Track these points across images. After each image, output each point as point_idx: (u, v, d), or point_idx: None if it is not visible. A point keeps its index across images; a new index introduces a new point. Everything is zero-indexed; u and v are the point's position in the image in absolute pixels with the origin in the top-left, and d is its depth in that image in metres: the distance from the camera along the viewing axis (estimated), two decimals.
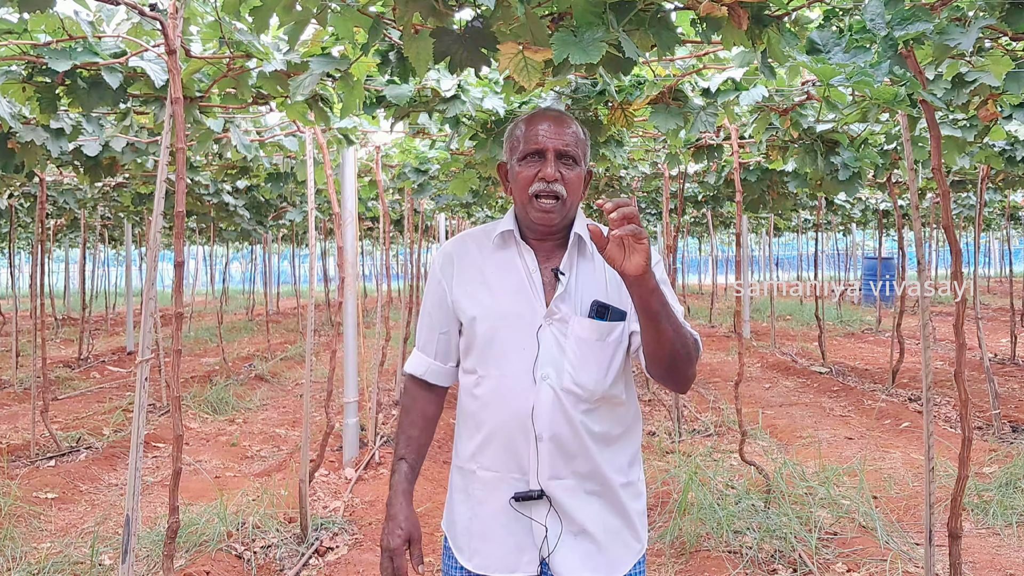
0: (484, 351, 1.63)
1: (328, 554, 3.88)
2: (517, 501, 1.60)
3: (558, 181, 1.59)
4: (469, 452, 1.67)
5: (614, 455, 1.64)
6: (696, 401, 7.56)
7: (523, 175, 1.62)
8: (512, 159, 1.66)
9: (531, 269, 1.64)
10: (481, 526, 1.65)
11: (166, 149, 2.48)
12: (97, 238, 16.10)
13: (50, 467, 5.37)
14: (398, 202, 9.67)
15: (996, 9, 2.08)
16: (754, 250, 26.95)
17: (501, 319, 1.62)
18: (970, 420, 2.49)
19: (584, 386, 1.59)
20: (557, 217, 1.61)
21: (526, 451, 1.59)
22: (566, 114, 1.69)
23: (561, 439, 1.58)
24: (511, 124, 1.72)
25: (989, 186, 7.77)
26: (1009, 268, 14.78)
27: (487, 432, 1.63)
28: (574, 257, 1.64)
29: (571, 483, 1.60)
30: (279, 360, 10.65)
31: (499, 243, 1.68)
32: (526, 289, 1.62)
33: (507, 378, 1.60)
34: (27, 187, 6.80)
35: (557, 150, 1.60)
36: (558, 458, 1.59)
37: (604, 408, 1.62)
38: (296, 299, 17.95)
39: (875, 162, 3.96)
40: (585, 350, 1.59)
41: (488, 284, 1.65)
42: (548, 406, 1.58)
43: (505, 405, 1.60)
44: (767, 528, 3.87)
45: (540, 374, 1.58)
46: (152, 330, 2.45)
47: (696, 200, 8.81)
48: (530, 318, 1.60)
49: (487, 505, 1.64)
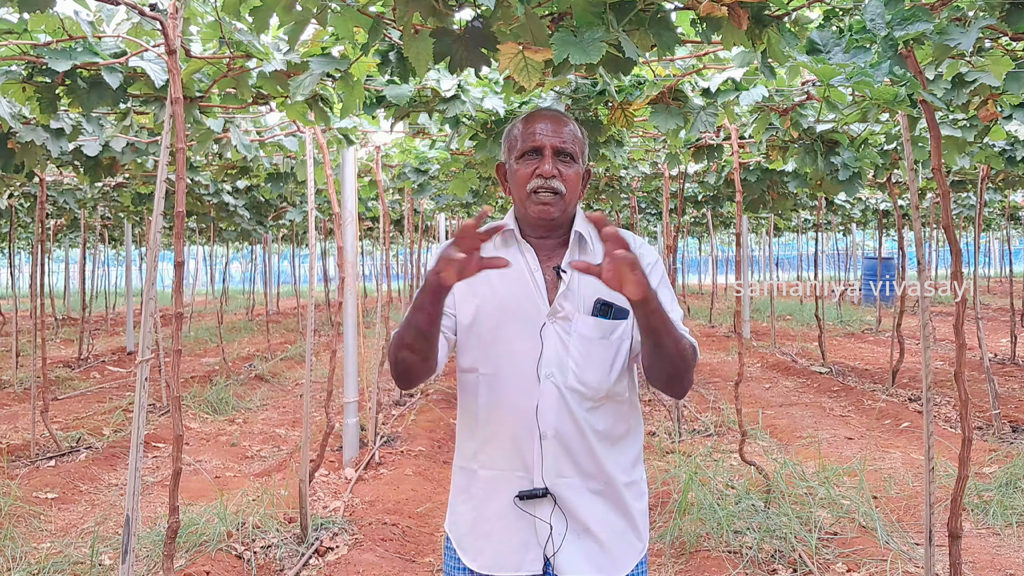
0: (486, 350, 1.62)
1: (328, 554, 3.88)
2: (521, 500, 1.59)
3: (556, 178, 1.59)
4: (472, 451, 1.66)
5: (618, 454, 1.64)
6: (696, 401, 7.56)
7: (521, 172, 1.62)
8: (510, 159, 1.66)
9: (533, 267, 1.63)
10: (485, 525, 1.64)
11: (166, 149, 2.48)
12: (97, 238, 16.10)
13: (50, 467, 5.37)
14: (398, 202, 9.67)
15: (996, 9, 2.08)
16: (754, 250, 26.96)
17: (503, 317, 1.61)
18: (970, 420, 2.49)
19: (588, 384, 1.59)
20: (556, 211, 1.60)
21: (530, 449, 1.59)
22: (563, 113, 1.69)
23: (566, 437, 1.58)
24: (509, 125, 1.72)
25: (989, 186, 7.77)
26: (1009, 268, 14.77)
27: (490, 431, 1.63)
28: (575, 255, 1.64)
29: (576, 481, 1.60)
30: (279, 360, 10.65)
31: (499, 242, 1.67)
32: (528, 287, 1.62)
33: (511, 376, 1.60)
34: (27, 187, 6.81)
35: (555, 147, 1.60)
36: (562, 456, 1.59)
37: (608, 406, 1.62)
38: (296, 299, 17.95)
39: (875, 162, 3.97)
40: (589, 348, 1.60)
41: (489, 282, 1.63)
42: (553, 404, 1.58)
43: (509, 403, 1.60)
44: (767, 528, 3.87)
45: (544, 372, 1.58)
46: (152, 330, 2.45)
47: (696, 200, 8.82)
48: (533, 316, 1.60)
49: (491, 504, 1.63)
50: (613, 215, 10.91)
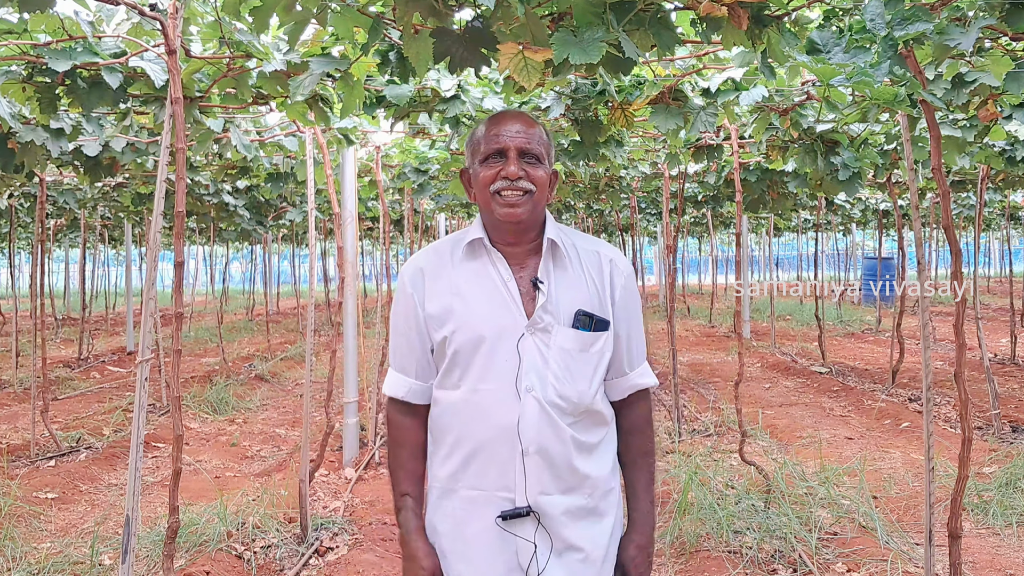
0: (463, 365, 1.56)
1: (328, 554, 3.88)
2: (504, 520, 1.54)
3: (523, 178, 1.54)
4: (449, 471, 1.59)
5: (597, 463, 1.60)
6: (696, 401, 7.56)
7: (485, 175, 1.56)
8: (474, 163, 1.61)
9: (505, 278, 1.58)
10: (465, 547, 1.57)
11: (166, 149, 2.48)
12: (97, 238, 16.11)
13: (50, 467, 5.37)
14: (398, 202, 9.67)
15: (996, 9, 2.08)
16: (754, 250, 26.97)
17: (480, 331, 1.55)
18: (970, 420, 2.49)
19: (569, 398, 1.55)
20: (523, 212, 1.55)
21: (512, 467, 1.53)
22: (527, 114, 1.64)
23: (549, 452, 1.53)
24: (472, 130, 1.67)
25: (989, 186, 7.77)
26: (1009, 268, 14.80)
27: (470, 449, 1.56)
28: (550, 264, 1.59)
29: (559, 497, 1.55)
30: (279, 360, 10.65)
31: (469, 253, 1.61)
32: (503, 299, 1.56)
33: (489, 392, 1.54)
34: (27, 187, 6.81)
35: (520, 148, 1.55)
36: (545, 472, 1.54)
37: (588, 418, 1.59)
38: (296, 299, 17.95)
39: (875, 162, 3.96)
40: (569, 361, 1.55)
41: (462, 296, 1.58)
42: (534, 419, 1.53)
43: (489, 420, 1.54)
44: (767, 528, 3.88)
45: (524, 386, 1.53)
46: (152, 330, 2.45)
47: (696, 200, 8.81)
48: (510, 329, 1.54)
49: (471, 525, 1.57)
50: (613, 215, 10.91)
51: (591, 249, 1.65)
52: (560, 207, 10.69)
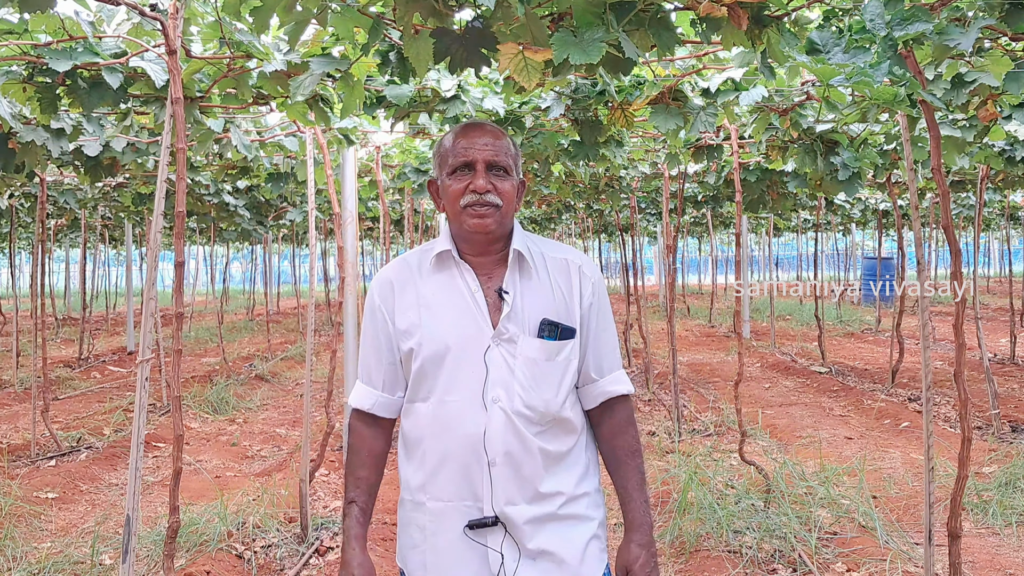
0: (430, 377, 1.58)
1: (328, 554, 3.88)
2: (472, 529, 1.55)
3: (491, 192, 1.55)
4: (418, 483, 1.61)
5: (567, 471, 1.60)
6: (696, 401, 7.56)
7: (453, 189, 1.57)
8: (442, 174, 1.61)
9: (473, 289, 1.59)
10: (436, 558, 1.58)
11: (166, 149, 2.48)
12: (97, 238, 16.10)
13: (50, 467, 5.38)
14: (398, 202, 9.67)
15: (996, 9, 2.09)
16: (754, 250, 26.97)
17: (446, 343, 1.56)
18: (970, 420, 2.49)
19: (535, 408, 1.56)
20: (493, 224, 1.56)
21: (479, 477, 1.55)
22: (494, 125, 1.65)
23: (515, 462, 1.54)
24: (439, 139, 1.67)
25: (989, 186, 7.77)
26: (1009, 268, 14.81)
27: (437, 460, 1.58)
28: (516, 274, 1.60)
29: (526, 507, 1.55)
30: (279, 360, 10.65)
31: (437, 264, 1.62)
32: (471, 310, 1.57)
33: (456, 403, 1.55)
34: (28, 187, 6.81)
35: (487, 161, 1.56)
36: (512, 482, 1.55)
37: (556, 427, 1.59)
38: (296, 299, 17.96)
39: (875, 162, 3.97)
40: (535, 370, 1.56)
41: (430, 308, 1.60)
42: (500, 429, 1.54)
43: (455, 431, 1.55)
44: (767, 528, 3.88)
45: (491, 397, 1.54)
46: (152, 330, 2.45)
47: (696, 200, 8.82)
48: (477, 340, 1.56)
49: (440, 536, 1.58)
50: (613, 215, 10.91)
51: (559, 257, 1.66)
52: (560, 207, 10.69)
